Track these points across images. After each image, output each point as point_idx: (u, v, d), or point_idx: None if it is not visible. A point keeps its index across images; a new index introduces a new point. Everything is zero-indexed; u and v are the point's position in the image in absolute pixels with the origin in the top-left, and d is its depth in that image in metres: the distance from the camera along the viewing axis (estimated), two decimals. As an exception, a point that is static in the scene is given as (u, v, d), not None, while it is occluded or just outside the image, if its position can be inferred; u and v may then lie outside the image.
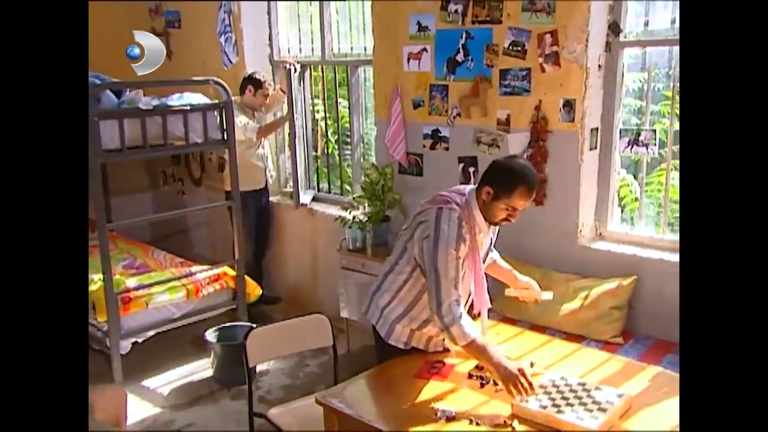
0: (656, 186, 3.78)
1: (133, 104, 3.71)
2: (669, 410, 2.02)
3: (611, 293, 3.17)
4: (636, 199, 3.67)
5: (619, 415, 2.00)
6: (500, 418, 2.02)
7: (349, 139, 4.86)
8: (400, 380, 2.30)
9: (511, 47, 3.46)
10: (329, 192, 5.03)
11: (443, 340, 2.47)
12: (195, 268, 4.33)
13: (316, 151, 5.08)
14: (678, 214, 3.54)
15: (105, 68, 5.33)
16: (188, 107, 3.91)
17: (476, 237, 2.34)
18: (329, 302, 4.65)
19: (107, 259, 3.68)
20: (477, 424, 2.00)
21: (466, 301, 2.42)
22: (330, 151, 5.15)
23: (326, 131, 5.13)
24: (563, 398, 2.05)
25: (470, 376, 2.32)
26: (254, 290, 4.40)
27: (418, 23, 3.82)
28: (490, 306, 2.55)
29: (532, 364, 2.36)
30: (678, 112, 3.50)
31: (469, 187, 2.41)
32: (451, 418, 2.04)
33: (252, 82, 4.58)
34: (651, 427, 1.96)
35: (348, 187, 4.91)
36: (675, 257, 3.14)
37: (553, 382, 2.15)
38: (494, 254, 2.66)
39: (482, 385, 2.22)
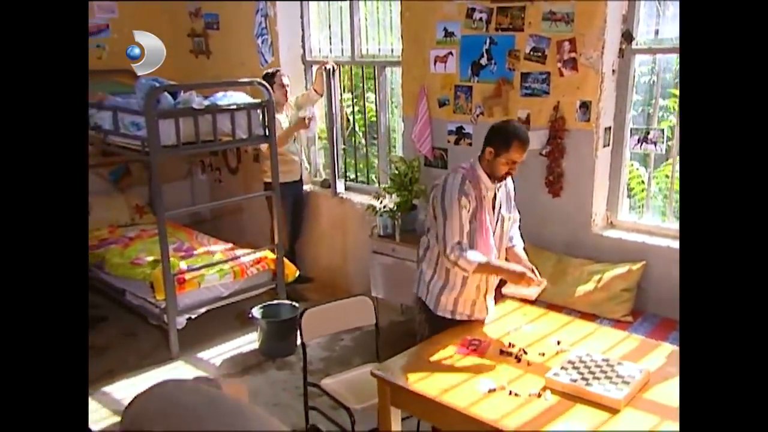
0: (663, 179, 3.88)
1: (187, 104, 3.82)
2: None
3: (622, 277, 3.30)
4: (643, 189, 3.78)
5: (639, 388, 2.14)
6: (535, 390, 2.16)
7: (375, 133, 4.96)
8: (445, 355, 2.43)
9: (531, 53, 3.55)
10: (356, 181, 5.15)
11: (485, 305, 2.68)
12: (239, 251, 4.47)
13: (345, 144, 5.17)
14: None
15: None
16: (235, 106, 4.02)
17: (483, 194, 2.53)
18: (357, 282, 4.80)
19: (165, 244, 3.82)
20: (515, 395, 2.15)
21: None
22: (356, 143, 5.25)
23: (354, 124, 5.22)
24: (590, 372, 2.19)
25: (501, 352, 2.46)
26: (292, 271, 4.55)
27: (445, 29, 3.91)
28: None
29: (558, 342, 2.50)
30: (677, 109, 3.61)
31: (475, 157, 2.62)
32: (492, 390, 2.18)
33: (265, 78, 4.47)
34: (667, 398, 2.10)
35: (374, 177, 5.03)
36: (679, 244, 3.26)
37: (580, 358, 2.29)
38: (516, 240, 2.79)
39: (518, 360, 2.36)
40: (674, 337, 3.01)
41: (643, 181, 3.85)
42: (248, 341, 4.19)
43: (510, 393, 2.16)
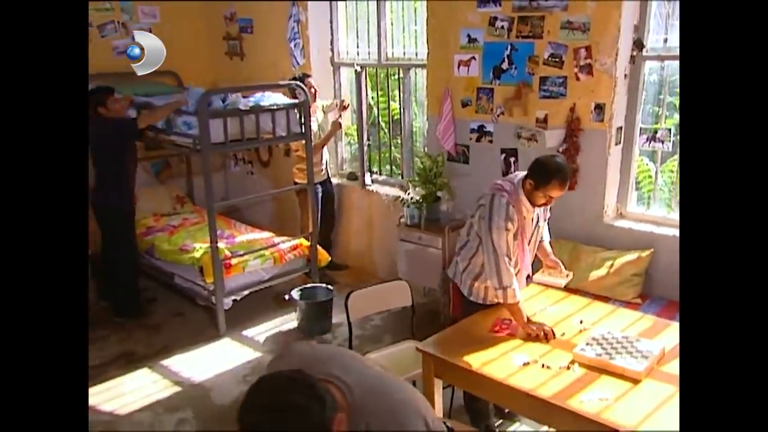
0: (668, 173, 4.01)
1: (234, 105, 3.96)
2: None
3: (632, 263, 3.46)
4: (651, 183, 3.92)
5: (657, 361, 2.30)
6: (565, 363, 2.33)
7: (397, 130, 5.08)
8: (480, 333, 2.60)
9: (550, 59, 3.68)
10: (380, 174, 5.28)
11: None
12: (277, 239, 4.63)
13: (369, 140, 5.30)
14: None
15: (186, 69, 5.57)
16: (275, 106, 4.16)
17: (523, 216, 2.65)
18: (383, 266, 4.96)
19: (215, 232, 3.99)
20: (547, 368, 2.32)
21: (517, 269, 2.73)
22: (380, 139, 5.37)
23: (378, 117, 5.33)
24: (612, 348, 2.35)
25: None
26: (324, 257, 4.71)
27: (468, 36, 4.03)
28: (530, 272, 2.86)
29: (581, 322, 2.66)
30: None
31: (519, 176, 2.69)
32: (526, 363, 2.35)
33: (296, 80, 4.53)
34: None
35: (395, 170, 5.16)
36: (685, 234, 3.42)
37: (602, 335, 2.45)
38: (545, 235, 2.95)
39: (547, 338, 2.52)
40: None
41: (650, 175, 3.99)
42: (287, 321, 4.36)
43: (542, 366, 2.33)
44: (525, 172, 2.67)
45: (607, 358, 2.29)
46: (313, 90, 4.68)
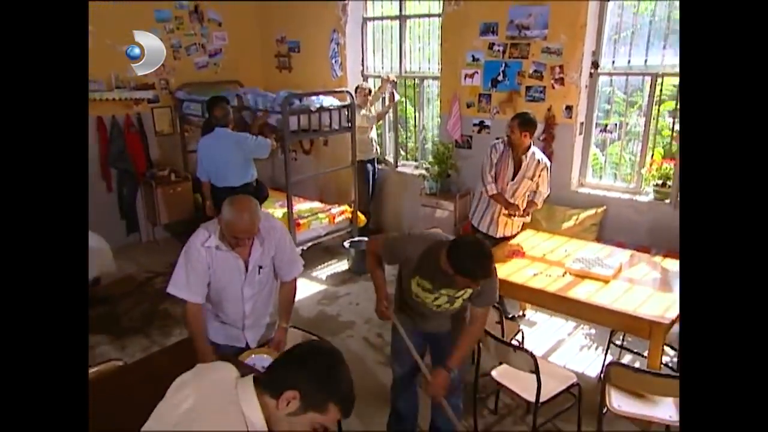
0: (613, 156, 4.69)
1: (305, 106, 4.48)
2: (640, 271, 3.02)
3: (591, 217, 4.14)
4: (599, 163, 4.60)
5: (618, 270, 2.99)
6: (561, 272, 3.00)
7: (409, 126, 5.65)
8: (499, 259, 3.23)
9: (533, 73, 4.30)
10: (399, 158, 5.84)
11: (496, 224, 3.60)
12: (328, 206, 5.19)
13: (390, 133, 5.83)
14: (625, 173, 4.49)
15: (246, 79, 5.99)
16: (331, 107, 4.69)
17: (504, 150, 3.47)
18: (405, 227, 5.53)
19: (291, 200, 4.54)
20: (549, 276, 2.98)
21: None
22: (398, 131, 5.92)
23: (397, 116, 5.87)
24: (590, 263, 3.03)
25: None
26: (362, 220, 5.27)
27: (473, 56, 4.61)
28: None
29: (566, 251, 3.33)
30: (624, 111, 4.41)
31: None
32: (535, 274, 3.01)
33: (355, 90, 5.18)
34: (634, 275, 2.95)
35: (408, 156, 5.75)
36: (626, 196, 4.12)
37: (582, 257, 3.13)
38: (538, 199, 3.60)
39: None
40: (624, 252, 3.85)
41: (597, 157, 4.68)
42: (339, 264, 4.94)
43: (546, 275, 2.99)
44: None
45: (588, 269, 2.97)
46: (367, 96, 5.17)
